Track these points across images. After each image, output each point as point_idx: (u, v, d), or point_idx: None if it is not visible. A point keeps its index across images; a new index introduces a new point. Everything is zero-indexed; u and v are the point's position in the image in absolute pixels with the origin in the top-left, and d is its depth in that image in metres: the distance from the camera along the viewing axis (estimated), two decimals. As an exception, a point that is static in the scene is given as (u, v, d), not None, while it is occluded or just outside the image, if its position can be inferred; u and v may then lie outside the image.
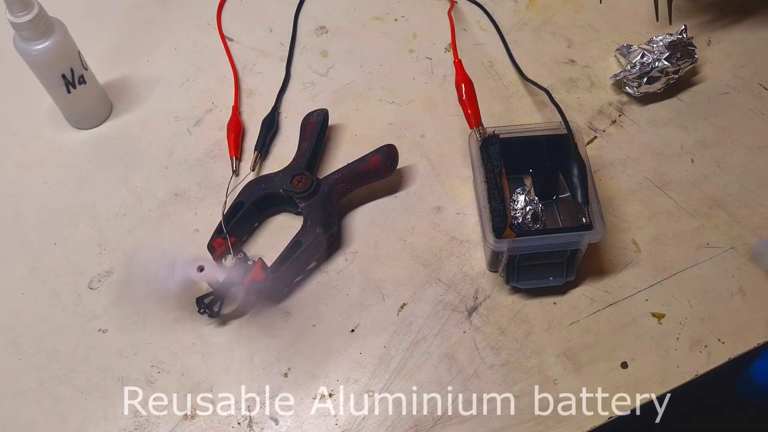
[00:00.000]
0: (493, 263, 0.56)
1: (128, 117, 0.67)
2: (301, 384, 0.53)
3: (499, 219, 0.52)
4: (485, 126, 0.57)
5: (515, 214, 0.55)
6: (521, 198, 0.55)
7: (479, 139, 0.56)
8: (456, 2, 0.73)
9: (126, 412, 0.52)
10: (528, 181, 0.59)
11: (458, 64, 0.63)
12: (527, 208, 0.55)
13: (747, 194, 0.60)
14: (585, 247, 0.53)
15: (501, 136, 0.55)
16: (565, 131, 0.55)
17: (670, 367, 0.53)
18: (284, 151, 0.64)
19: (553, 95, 0.60)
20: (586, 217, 0.52)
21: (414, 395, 0.52)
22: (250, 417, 0.52)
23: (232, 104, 0.66)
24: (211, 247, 0.55)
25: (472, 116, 0.58)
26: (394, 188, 0.62)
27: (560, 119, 0.56)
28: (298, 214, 0.60)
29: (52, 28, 0.57)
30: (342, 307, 0.56)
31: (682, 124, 0.64)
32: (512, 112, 0.65)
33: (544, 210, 0.56)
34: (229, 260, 0.54)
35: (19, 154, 0.65)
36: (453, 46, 0.67)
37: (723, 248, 0.57)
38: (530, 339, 0.54)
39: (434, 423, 0.51)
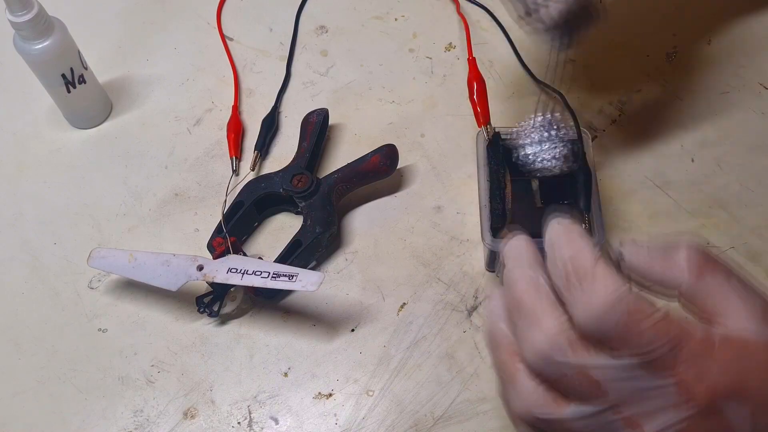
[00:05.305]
0: (491, 263, 0.56)
1: (128, 117, 0.67)
2: (301, 384, 0.53)
3: (497, 219, 0.52)
4: (493, 126, 0.57)
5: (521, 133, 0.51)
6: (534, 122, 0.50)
7: (486, 138, 0.56)
8: (458, 2, 0.73)
9: (126, 412, 0.52)
10: (534, 184, 0.59)
11: (472, 62, 0.63)
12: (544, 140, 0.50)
13: (747, 194, 0.60)
14: None
15: (508, 137, 0.55)
16: (573, 136, 0.55)
17: (670, 366, 0.53)
18: (284, 151, 0.64)
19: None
20: (585, 224, 0.52)
21: (414, 395, 0.52)
22: (250, 417, 0.52)
23: (232, 104, 0.66)
24: (210, 246, 0.55)
25: (482, 115, 0.58)
26: (394, 188, 0.62)
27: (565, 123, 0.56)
28: (298, 213, 0.60)
29: (52, 27, 0.57)
30: (342, 307, 0.56)
31: (682, 124, 0.64)
32: (512, 112, 0.65)
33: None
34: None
35: (19, 154, 0.65)
36: (468, 43, 0.67)
37: (723, 248, 0.57)
38: (530, 339, 0.54)
39: (434, 423, 0.51)
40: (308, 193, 0.57)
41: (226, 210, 0.58)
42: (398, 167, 0.60)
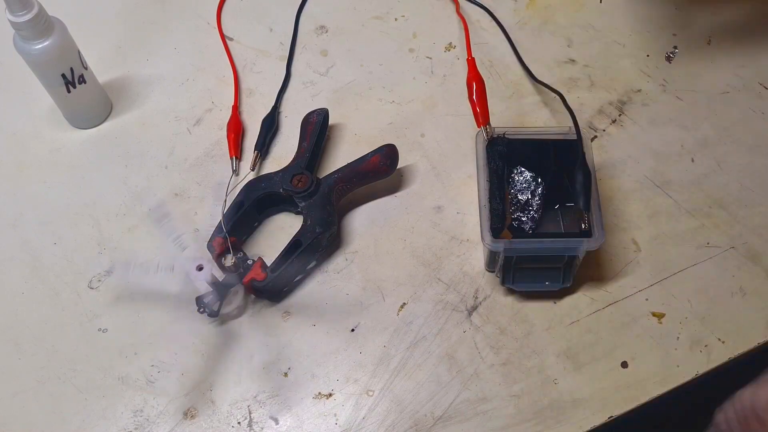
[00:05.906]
0: (491, 263, 0.56)
1: (128, 117, 0.67)
2: (301, 384, 0.53)
3: (497, 219, 0.52)
4: (493, 126, 0.57)
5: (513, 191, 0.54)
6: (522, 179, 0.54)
7: (486, 138, 0.56)
8: (458, 2, 0.73)
9: (126, 412, 0.52)
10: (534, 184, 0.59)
11: (471, 62, 0.63)
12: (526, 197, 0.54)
13: (747, 194, 0.60)
14: (583, 254, 0.52)
15: (508, 137, 0.55)
16: (572, 136, 0.55)
17: (670, 366, 0.53)
18: (284, 151, 0.64)
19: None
20: (585, 224, 0.52)
21: (414, 395, 0.52)
22: (250, 417, 0.52)
23: (232, 104, 0.66)
24: (210, 246, 0.55)
25: (481, 115, 0.58)
26: (394, 188, 0.62)
27: (565, 124, 0.56)
28: (298, 213, 0.60)
29: (52, 27, 0.57)
30: (342, 307, 0.56)
31: (682, 124, 0.64)
32: (511, 113, 0.65)
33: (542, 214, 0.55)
34: (229, 259, 0.54)
35: (19, 154, 0.65)
36: (467, 43, 0.67)
37: (723, 248, 0.57)
38: (530, 338, 0.54)
39: (434, 423, 0.51)
40: (308, 193, 0.57)
41: (226, 210, 0.58)
42: (398, 167, 0.60)
